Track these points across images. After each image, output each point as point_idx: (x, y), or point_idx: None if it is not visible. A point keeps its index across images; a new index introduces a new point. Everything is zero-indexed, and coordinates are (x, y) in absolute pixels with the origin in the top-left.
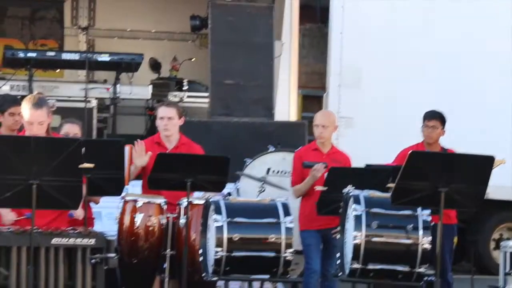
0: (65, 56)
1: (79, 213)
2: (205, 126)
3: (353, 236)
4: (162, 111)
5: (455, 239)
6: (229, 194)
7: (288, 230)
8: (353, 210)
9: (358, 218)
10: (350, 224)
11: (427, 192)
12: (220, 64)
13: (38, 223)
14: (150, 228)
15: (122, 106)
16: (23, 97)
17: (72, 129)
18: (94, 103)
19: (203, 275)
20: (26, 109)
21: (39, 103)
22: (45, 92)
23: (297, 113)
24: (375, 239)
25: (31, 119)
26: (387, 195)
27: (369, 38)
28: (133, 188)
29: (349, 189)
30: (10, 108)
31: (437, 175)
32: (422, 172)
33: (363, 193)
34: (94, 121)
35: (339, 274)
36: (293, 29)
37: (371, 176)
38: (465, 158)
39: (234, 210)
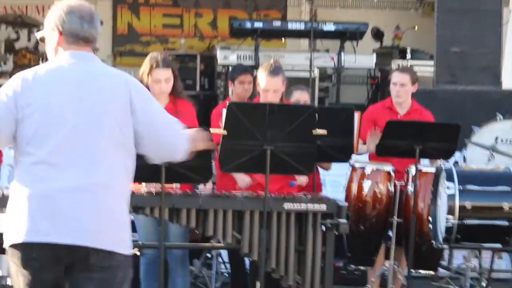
0: (291, 25)
1: (303, 179)
2: (430, 95)
3: None
4: (396, 77)
5: None
6: (456, 162)
7: None
8: None
9: None
10: None
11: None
12: (447, 32)
13: (269, 189)
14: (378, 196)
15: (344, 76)
16: (251, 66)
17: (302, 96)
18: (316, 72)
19: (432, 242)
20: (262, 77)
21: (275, 70)
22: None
23: None
24: None
25: (267, 86)
26: None
27: None
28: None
29: None
30: (240, 76)
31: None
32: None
33: None
34: (316, 91)
35: None
36: None
37: None
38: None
39: (466, 177)
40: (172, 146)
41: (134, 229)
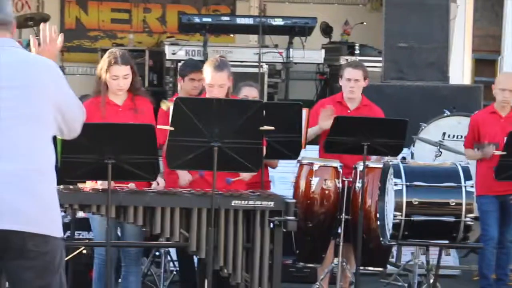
0: (239, 20)
1: (245, 174)
2: (378, 90)
3: None
4: (350, 73)
5: None
6: (404, 158)
7: (469, 194)
8: None
9: None
10: None
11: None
12: (394, 27)
13: (216, 186)
14: (326, 192)
15: (293, 71)
16: (203, 62)
17: (250, 92)
18: (265, 68)
19: (381, 239)
20: (207, 72)
21: (220, 65)
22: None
23: (471, 77)
24: None
25: (212, 81)
26: None
27: None
28: (306, 152)
29: None
30: (191, 73)
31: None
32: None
33: None
34: (265, 86)
35: None
36: None
37: None
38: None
39: (413, 173)
40: (78, 125)
41: (89, 228)
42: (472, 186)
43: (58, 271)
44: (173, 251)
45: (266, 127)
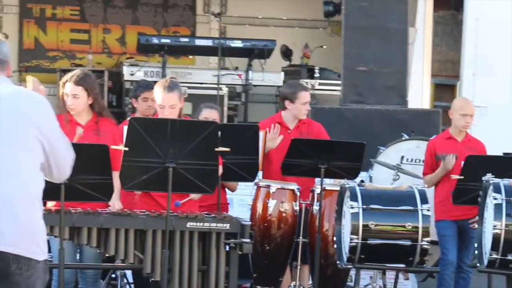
0: (198, 42)
1: (194, 195)
2: (337, 113)
3: (493, 226)
4: (306, 97)
5: None
6: (362, 181)
7: (425, 218)
8: (493, 199)
9: (498, 207)
10: (489, 213)
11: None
12: (353, 50)
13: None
14: (283, 215)
15: (253, 94)
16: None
17: (210, 114)
18: (225, 90)
19: (337, 262)
20: (158, 93)
21: (171, 86)
22: (178, 79)
23: (430, 102)
24: None
25: (163, 102)
26: None
27: (506, 25)
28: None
29: (489, 177)
30: (143, 93)
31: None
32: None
33: (503, 182)
34: (225, 109)
35: (477, 265)
36: (427, 15)
37: (510, 164)
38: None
39: (370, 196)
40: (67, 166)
41: (49, 250)
42: (428, 210)
43: None
44: (129, 274)
45: (221, 148)
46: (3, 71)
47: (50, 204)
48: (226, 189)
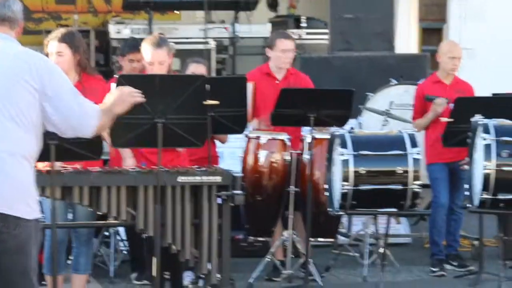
0: None
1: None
2: (326, 62)
3: (483, 166)
4: (286, 44)
5: None
6: (352, 128)
7: (416, 161)
8: (482, 139)
9: (487, 148)
10: (479, 154)
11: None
12: None
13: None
14: (274, 165)
15: (240, 46)
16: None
17: (198, 69)
18: (212, 44)
19: (328, 210)
20: (146, 49)
21: (159, 42)
22: (165, 35)
23: (418, 46)
24: (506, 168)
25: (152, 59)
26: None
27: None
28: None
29: (478, 118)
30: (129, 54)
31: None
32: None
33: (492, 122)
34: (213, 63)
35: (468, 206)
36: None
37: (499, 105)
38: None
39: (360, 143)
40: (80, 122)
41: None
42: (418, 153)
43: (34, 252)
44: (122, 230)
45: (210, 102)
46: (10, 29)
47: (41, 165)
48: (217, 142)
